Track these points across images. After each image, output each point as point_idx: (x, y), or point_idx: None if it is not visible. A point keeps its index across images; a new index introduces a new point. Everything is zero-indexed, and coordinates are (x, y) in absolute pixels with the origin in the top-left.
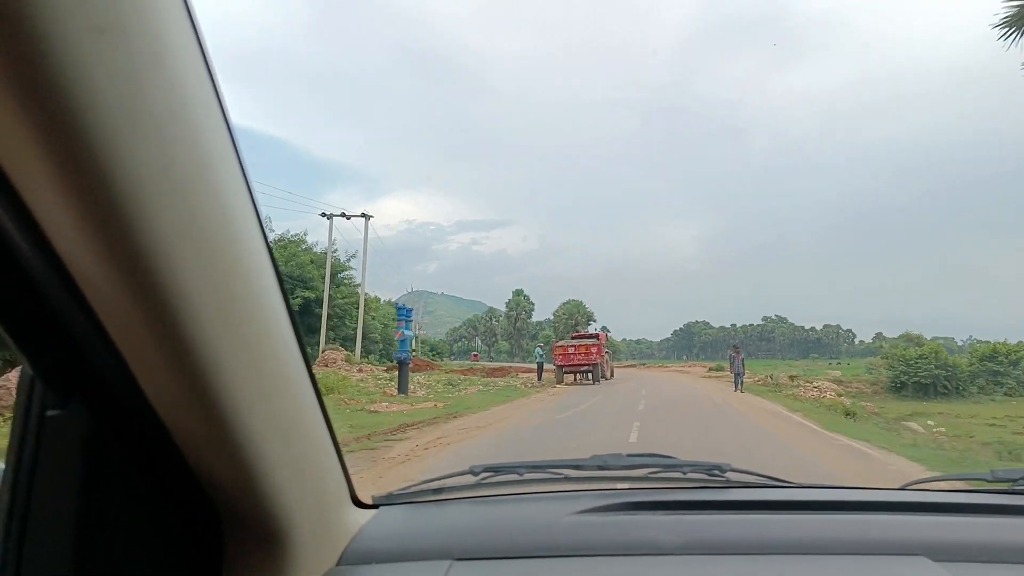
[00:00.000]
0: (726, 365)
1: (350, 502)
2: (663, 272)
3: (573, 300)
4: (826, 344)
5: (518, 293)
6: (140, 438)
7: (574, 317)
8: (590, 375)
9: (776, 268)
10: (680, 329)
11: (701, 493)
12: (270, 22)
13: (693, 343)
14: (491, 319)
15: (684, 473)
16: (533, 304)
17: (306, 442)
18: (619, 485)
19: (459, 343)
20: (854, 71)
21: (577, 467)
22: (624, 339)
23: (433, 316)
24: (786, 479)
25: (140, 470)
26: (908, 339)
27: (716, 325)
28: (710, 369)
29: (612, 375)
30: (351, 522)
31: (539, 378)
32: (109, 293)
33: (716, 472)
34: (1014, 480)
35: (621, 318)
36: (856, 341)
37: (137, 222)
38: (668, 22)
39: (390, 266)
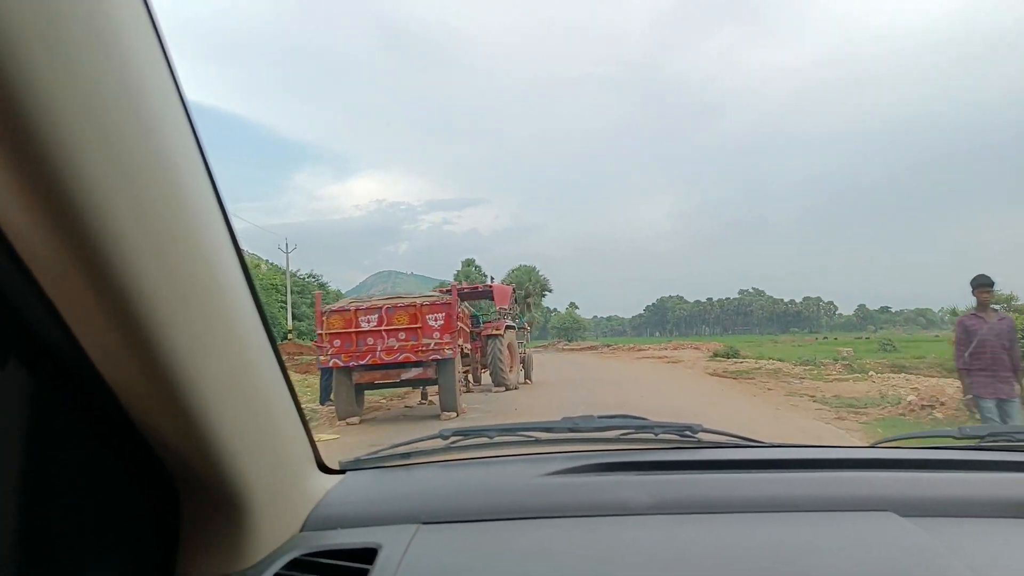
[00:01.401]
0: (757, 347)
1: (315, 467)
2: (637, 248)
3: (524, 266)
4: (806, 317)
5: (468, 264)
6: (84, 400)
7: (524, 287)
8: (441, 390)
9: (753, 242)
10: (652, 304)
11: (673, 454)
12: None
13: (667, 319)
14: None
15: (656, 434)
16: (487, 276)
17: (265, 405)
18: (591, 447)
19: None
20: (827, 47)
21: (548, 429)
22: (595, 316)
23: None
24: (758, 439)
25: (87, 434)
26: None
27: (691, 300)
28: (715, 355)
29: (525, 376)
30: (316, 487)
31: (322, 400)
32: (41, 247)
33: (688, 433)
34: (981, 437)
35: (594, 295)
36: (836, 314)
37: (70, 169)
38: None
39: (360, 247)
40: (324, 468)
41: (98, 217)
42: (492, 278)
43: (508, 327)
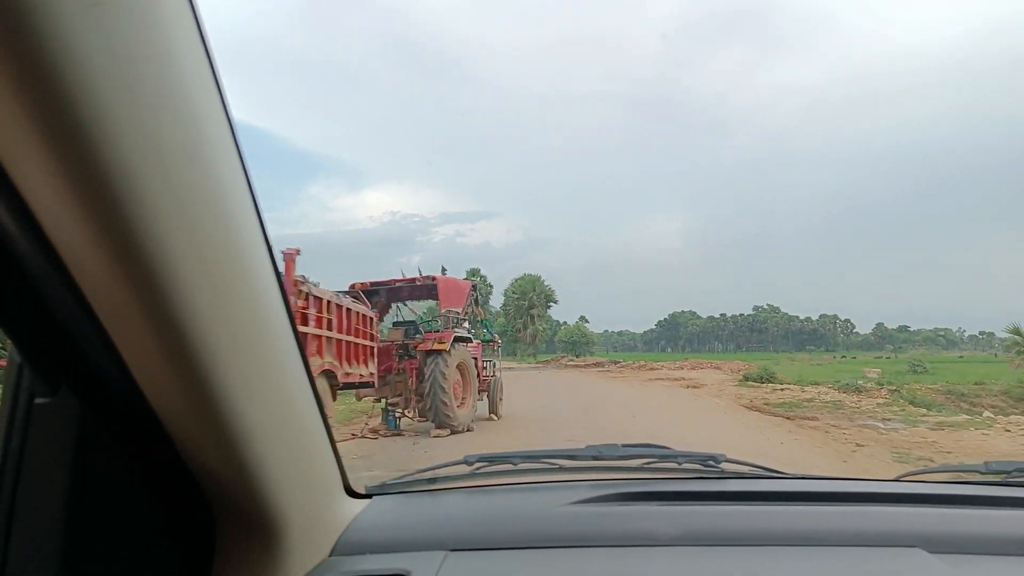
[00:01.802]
0: (774, 366)
1: (343, 492)
2: (648, 263)
3: (529, 275)
4: (822, 335)
5: (473, 274)
6: (131, 427)
7: (528, 297)
8: None
9: (766, 259)
10: (665, 320)
11: (696, 484)
12: (256, 10)
13: (679, 334)
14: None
15: (679, 463)
16: (492, 287)
17: (299, 431)
18: (614, 475)
19: None
20: (838, 65)
21: (572, 457)
22: (606, 330)
23: (408, 306)
24: (781, 470)
25: (131, 460)
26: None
27: (704, 315)
28: (745, 379)
29: (491, 410)
30: (345, 512)
31: None
32: (101, 279)
33: (711, 463)
34: (1007, 472)
35: (605, 310)
36: (853, 332)
37: (130, 206)
38: (654, 15)
39: (373, 258)
40: (351, 492)
41: (158, 254)
42: (492, 286)
43: (459, 339)
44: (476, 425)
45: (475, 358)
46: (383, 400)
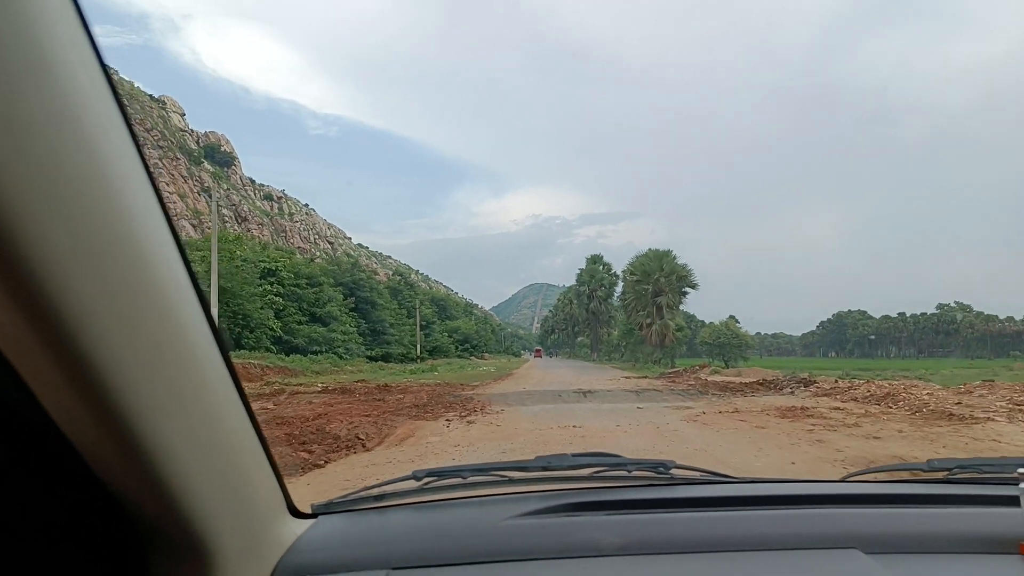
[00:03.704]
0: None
1: (286, 512)
2: (803, 261)
3: (653, 250)
4: None
5: (594, 261)
6: (44, 453)
7: (652, 279)
8: None
9: (949, 253)
10: (828, 320)
11: (645, 492)
12: (400, 26)
13: (845, 337)
14: (571, 303)
15: (629, 471)
16: (616, 276)
17: (230, 451)
18: (564, 485)
19: (554, 336)
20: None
21: (522, 468)
22: (758, 333)
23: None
24: (731, 474)
25: (46, 487)
26: None
27: (876, 315)
28: None
29: None
30: (286, 533)
31: None
32: None
33: (661, 469)
34: (949, 469)
35: (756, 311)
36: None
37: (14, 222)
38: (807, 1)
39: (516, 261)
40: (296, 512)
41: (45, 262)
42: (617, 276)
43: None
44: None
45: None
46: None
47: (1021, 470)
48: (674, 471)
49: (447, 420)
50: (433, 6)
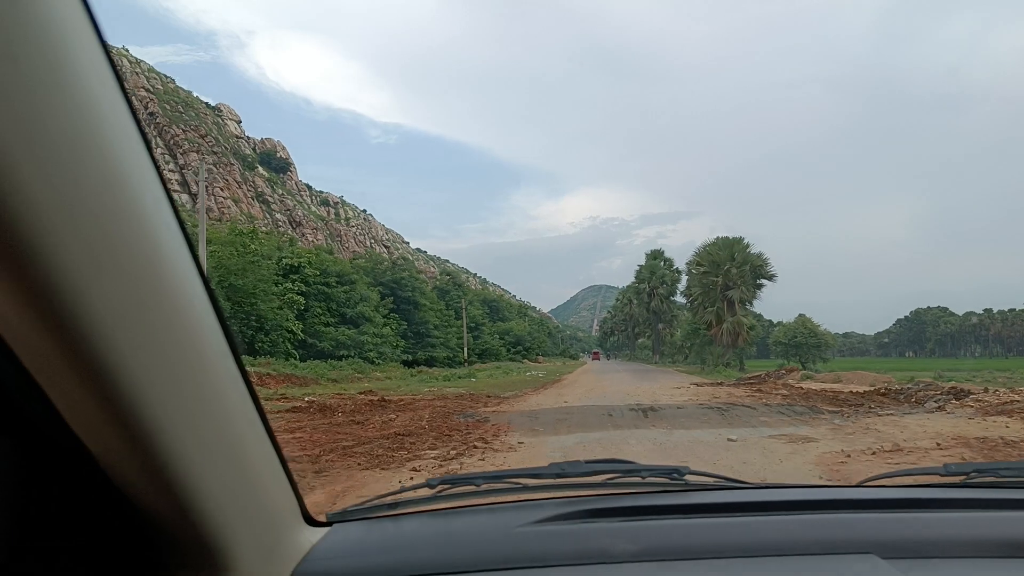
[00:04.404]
0: None
1: (301, 520)
2: (874, 257)
3: (723, 238)
4: None
5: (654, 256)
6: (65, 464)
7: (723, 270)
8: None
9: None
10: (906, 318)
11: (659, 498)
12: (451, 33)
13: (925, 336)
14: (630, 302)
15: (643, 478)
16: (679, 272)
17: (244, 460)
18: (578, 492)
19: (613, 337)
20: None
21: (535, 476)
22: (827, 331)
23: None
24: (745, 480)
25: (68, 497)
26: None
27: (959, 311)
28: None
29: None
30: (301, 541)
31: None
32: (13, 321)
33: (675, 475)
34: (966, 474)
35: (825, 310)
36: None
37: (37, 237)
38: None
39: (574, 262)
40: (310, 520)
41: (72, 290)
42: (679, 272)
43: None
44: None
45: None
46: None
47: None
48: (688, 477)
49: (414, 470)
50: (484, 11)
